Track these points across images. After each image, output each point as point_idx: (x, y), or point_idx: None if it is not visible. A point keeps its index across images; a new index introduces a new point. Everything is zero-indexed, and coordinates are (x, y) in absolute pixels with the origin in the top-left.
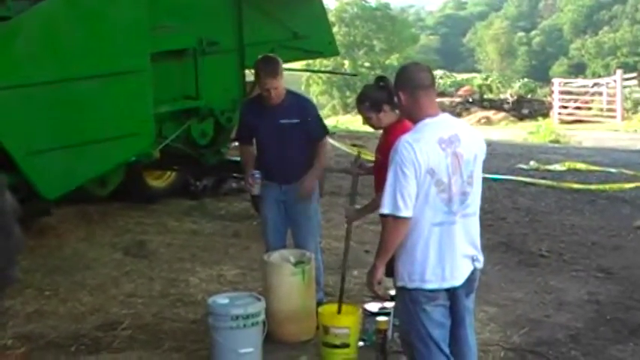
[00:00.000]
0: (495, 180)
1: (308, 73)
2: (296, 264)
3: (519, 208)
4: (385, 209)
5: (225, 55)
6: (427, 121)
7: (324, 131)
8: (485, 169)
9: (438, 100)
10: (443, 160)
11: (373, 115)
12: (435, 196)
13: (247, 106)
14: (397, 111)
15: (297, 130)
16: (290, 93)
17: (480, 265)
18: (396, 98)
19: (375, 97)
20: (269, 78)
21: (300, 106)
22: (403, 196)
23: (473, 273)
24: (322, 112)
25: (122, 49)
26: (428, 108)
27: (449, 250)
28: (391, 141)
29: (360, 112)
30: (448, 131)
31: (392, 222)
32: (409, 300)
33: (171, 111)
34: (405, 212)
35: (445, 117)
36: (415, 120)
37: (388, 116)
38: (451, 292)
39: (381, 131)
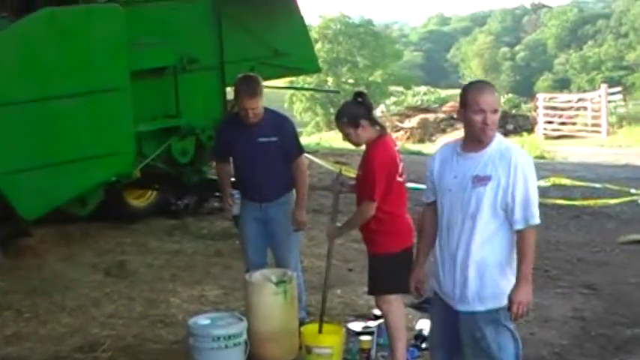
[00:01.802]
0: None
1: (291, 91)
2: (278, 283)
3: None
4: (537, 218)
5: (205, 73)
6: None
7: (298, 150)
8: None
9: (422, 116)
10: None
11: (352, 131)
12: None
13: (224, 124)
14: (377, 127)
15: (275, 148)
16: (268, 111)
17: None
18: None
19: (352, 112)
20: (248, 98)
21: (278, 123)
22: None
23: None
24: (305, 130)
25: (101, 67)
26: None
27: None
28: (372, 157)
29: (338, 128)
30: None
31: (533, 231)
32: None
33: (151, 129)
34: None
35: None
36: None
37: (367, 132)
38: None
39: (364, 147)
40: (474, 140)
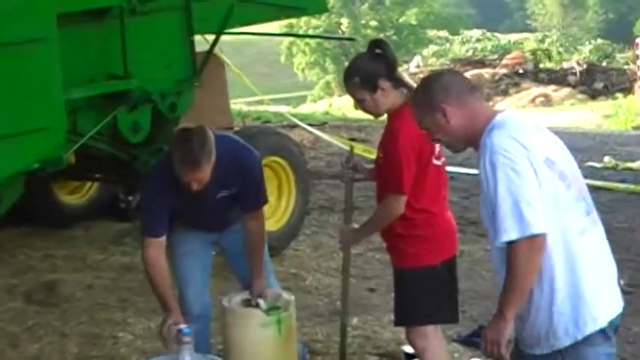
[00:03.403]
0: None
1: (289, 39)
2: (269, 310)
3: None
4: (511, 234)
5: (164, 15)
6: (499, 117)
7: (260, 203)
8: None
9: (475, 71)
10: (551, 144)
11: (367, 96)
12: (564, 194)
13: (156, 184)
14: (403, 89)
15: (233, 198)
16: (224, 152)
17: None
18: (440, 118)
19: (368, 69)
20: (191, 172)
21: (241, 172)
22: (530, 204)
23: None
24: (311, 94)
25: (15, 10)
26: (486, 110)
27: (606, 266)
28: (396, 133)
29: (349, 92)
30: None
31: (526, 246)
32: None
33: (89, 96)
34: (539, 226)
35: (511, 111)
36: (481, 131)
37: (388, 96)
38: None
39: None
40: None
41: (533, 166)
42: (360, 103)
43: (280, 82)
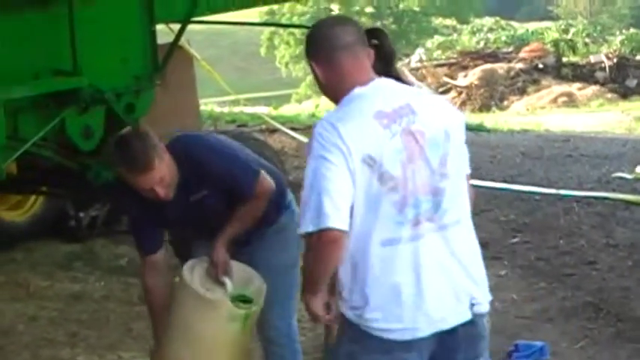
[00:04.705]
0: (575, 199)
1: (271, 29)
2: (238, 300)
3: (617, 245)
4: (307, 226)
5: (121, 2)
6: (356, 91)
7: (249, 180)
8: (560, 180)
9: (487, 66)
10: (387, 143)
11: None
12: (383, 197)
13: (127, 197)
14: None
15: (215, 203)
16: (178, 153)
17: (482, 308)
18: (312, 76)
19: None
20: (142, 177)
21: (197, 171)
22: (332, 197)
23: (471, 324)
24: (296, 92)
25: None
26: (355, 74)
27: (415, 284)
28: None
29: None
30: (392, 101)
31: (319, 241)
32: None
33: (32, 96)
34: (335, 221)
35: (385, 82)
36: (341, 97)
37: None
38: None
39: None
40: None
41: (346, 161)
42: None
43: (260, 78)
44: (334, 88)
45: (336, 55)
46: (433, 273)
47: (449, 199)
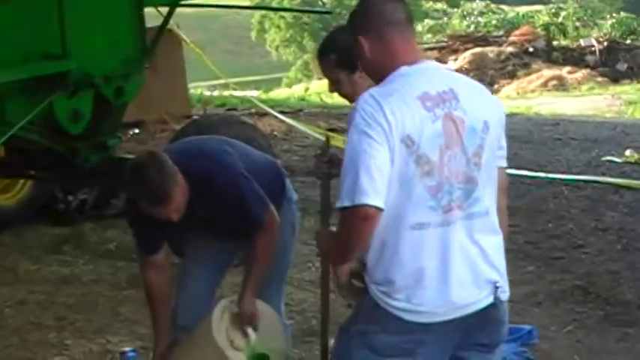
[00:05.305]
0: (566, 183)
1: (261, 12)
2: (256, 356)
3: (607, 229)
4: (343, 200)
5: None
6: (402, 70)
7: (258, 218)
8: (550, 164)
9: (477, 50)
10: (428, 126)
11: (343, 77)
12: (417, 180)
13: (138, 220)
14: None
15: (220, 218)
16: (195, 168)
17: (504, 295)
18: (356, 51)
19: (347, 46)
20: (159, 208)
21: (211, 193)
22: (371, 174)
23: (495, 308)
24: (287, 76)
25: None
26: (404, 53)
27: (440, 269)
28: None
29: (322, 70)
30: (437, 84)
31: (353, 216)
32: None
33: (20, 79)
34: (372, 198)
35: (431, 64)
36: (386, 75)
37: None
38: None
39: None
40: None
41: (387, 139)
42: (334, 85)
43: (250, 62)
44: (380, 65)
45: (387, 31)
46: (458, 260)
47: (480, 190)
